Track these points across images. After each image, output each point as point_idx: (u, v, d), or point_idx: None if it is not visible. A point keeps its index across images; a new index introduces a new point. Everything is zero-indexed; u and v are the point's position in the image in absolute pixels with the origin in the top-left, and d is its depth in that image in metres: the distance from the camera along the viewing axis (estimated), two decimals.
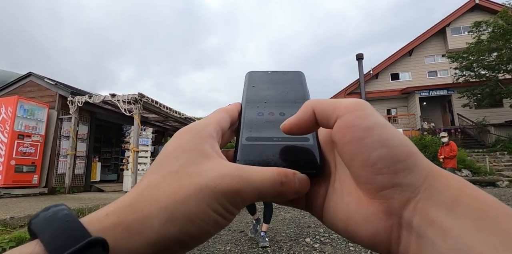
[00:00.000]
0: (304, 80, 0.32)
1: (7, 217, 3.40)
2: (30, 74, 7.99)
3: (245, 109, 0.28)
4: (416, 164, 0.18)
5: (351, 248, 3.07)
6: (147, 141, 8.03)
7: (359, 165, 0.19)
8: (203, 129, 0.22)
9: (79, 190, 7.67)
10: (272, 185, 0.19)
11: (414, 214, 0.17)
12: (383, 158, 0.18)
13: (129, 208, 0.17)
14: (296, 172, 0.21)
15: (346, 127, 0.20)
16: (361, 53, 16.98)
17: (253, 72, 0.34)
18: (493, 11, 15.91)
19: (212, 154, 0.21)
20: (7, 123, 6.50)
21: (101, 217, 0.17)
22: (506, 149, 12.45)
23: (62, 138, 7.45)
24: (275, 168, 0.20)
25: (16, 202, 5.16)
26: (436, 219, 0.16)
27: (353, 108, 0.20)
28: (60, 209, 0.17)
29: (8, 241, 2.72)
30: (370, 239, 0.19)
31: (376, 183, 0.18)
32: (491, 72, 13.57)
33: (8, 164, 6.29)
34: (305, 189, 0.21)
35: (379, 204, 0.18)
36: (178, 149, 0.21)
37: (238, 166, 0.20)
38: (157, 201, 0.17)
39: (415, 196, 0.17)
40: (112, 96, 6.84)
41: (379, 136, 0.18)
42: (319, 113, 0.21)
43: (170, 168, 0.19)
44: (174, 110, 8.35)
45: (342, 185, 0.21)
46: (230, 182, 0.18)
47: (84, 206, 4.42)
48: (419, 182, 0.17)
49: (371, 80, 19.12)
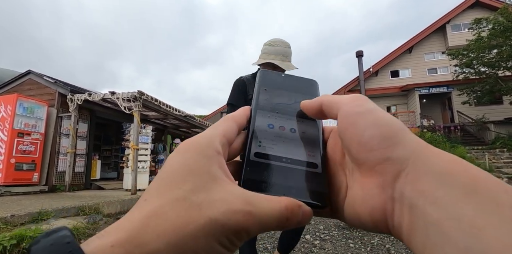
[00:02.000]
0: (318, 90, 0.31)
1: (8, 215, 3.40)
2: (29, 72, 7.96)
3: (255, 117, 0.27)
4: (404, 139, 0.20)
5: (350, 245, 3.08)
6: (147, 138, 8.03)
7: (356, 146, 0.21)
8: (209, 144, 0.22)
9: (79, 187, 7.68)
10: (278, 220, 0.19)
11: (405, 185, 0.18)
12: (373, 136, 0.20)
13: (135, 241, 0.16)
14: (302, 204, 0.21)
15: (344, 116, 0.23)
16: (361, 51, 16.93)
17: (267, 72, 0.32)
18: (493, 8, 15.85)
19: (221, 176, 0.20)
20: (7, 121, 6.49)
21: (107, 249, 0.16)
22: (505, 146, 12.46)
23: (62, 136, 7.45)
24: (282, 201, 0.20)
25: (16, 200, 5.17)
26: (426, 189, 0.17)
27: (351, 99, 0.23)
28: (62, 236, 0.16)
29: (9, 238, 2.73)
30: (369, 216, 0.20)
31: (370, 160, 0.20)
32: (491, 69, 13.54)
33: (8, 162, 6.29)
34: (307, 221, 0.21)
35: (374, 180, 0.20)
36: (184, 169, 0.20)
37: (247, 197, 0.19)
38: (165, 234, 0.17)
39: (404, 168, 0.18)
40: (111, 94, 6.83)
41: (370, 118, 0.21)
42: (325, 105, 0.25)
43: (176, 192, 0.19)
44: (174, 108, 8.34)
45: (353, 178, 0.23)
46: (240, 219, 0.18)
47: (84, 204, 4.43)
48: (406, 154, 0.19)
49: (371, 77, 19.09)
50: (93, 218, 4.13)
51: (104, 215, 4.45)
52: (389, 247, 2.94)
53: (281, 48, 1.77)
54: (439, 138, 12.33)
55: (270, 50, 1.78)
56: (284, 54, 1.77)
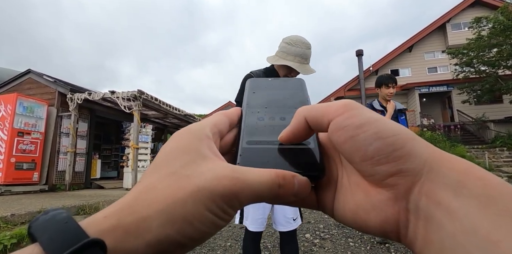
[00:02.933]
0: (304, 86, 0.32)
1: (8, 214, 3.41)
2: (29, 72, 7.96)
3: (245, 114, 0.28)
4: (414, 149, 0.18)
5: (350, 244, 3.09)
6: (146, 137, 8.04)
7: (359, 160, 0.20)
8: (200, 130, 0.23)
9: (80, 187, 7.69)
10: (269, 187, 0.19)
11: (420, 196, 0.17)
12: (379, 149, 0.19)
13: (127, 210, 0.17)
14: (296, 174, 0.21)
15: (338, 129, 0.20)
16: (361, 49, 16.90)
17: (254, 79, 0.34)
18: (493, 6, 15.83)
19: (210, 155, 0.21)
20: (7, 120, 6.49)
21: (100, 220, 0.17)
22: (505, 145, 12.47)
23: (62, 135, 7.45)
24: (273, 170, 0.20)
25: (16, 199, 5.17)
26: (442, 200, 0.16)
27: (342, 110, 0.21)
28: (59, 212, 0.17)
29: (10, 237, 2.73)
30: (380, 226, 0.19)
31: (379, 174, 0.19)
32: (491, 68, 13.54)
33: (8, 161, 6.30)
34: (305, 192, 0.21)
35: (385, 191, 0.19)
36: (176, 150, 0.21)
37: (236, 168, 0.20)
38: (155, 202, 0.17)
39: (418, 179, 0.18)
40: (111, 93, 6.83)
41: (370, 131, 0.19)
42: (310, 120, 0.22)
43: (167, 169, 0.19)
44: (174, 107, 8.35)
45: (349, 179, 0.22)
46: (227, 183, 0.18)
47: (84, 203, 4.43)
48: (419, 165, 0.18)
49: (371, 76, 19.07)
50: None
51: None
52: (388, 246, 2.95)
53: (301, 49, 1.64)
54: (439, 137, 12.32)
55: (289, 50, 1.65)
56: (303, 56, 1.65)
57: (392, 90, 2.91)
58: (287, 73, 1.68)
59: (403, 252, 2.79)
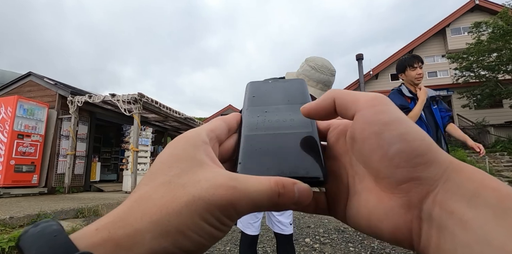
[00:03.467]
0: (305, 87, 0.31)
1: (7, 217, 3.39)
2: (30, 74, 7.99)
3: (244, 119, 0.27)
4: (436, 158, 0.18)
5: (350, 248, 3.07)
6: (146, 140, 8.03)
7: (378, 159, 0.19)
8: (196, 136, 0.22)
9: (79, 189, 7.66)
10: (269, 196, 0.18)
11: (434, 206, 0.17)
12: (402, 152, 0.18)
13: (120, 223, 0.17)
14: (297, 181, 0.20)
15: (364, 122, 0.20)
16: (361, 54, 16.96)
17: (254, 82, 0.33)
18: (493, 11, 15.92)
19: (207, 161, 0.20)
20: (7, 123, 6.49)
21: (91, 232, 0.16)
22: (506, 149, 12.45)
23: (62, 137, 7.45)
24: (272, 178, 0.19)
25: (15, 201, 5.15)
26: (456, 210, 0.16)
27: (372, 103, 0.20)
28: (49, 225, 0.16)
29: (8, 240, 2.72)
30: (392, 233, 0.19)
31: (395, 177, 0.18)
32: (491, 72, 13.57)
33: (8, 163, 6.28)
34: (306, 200, 0.20)
35: (398, 198, 0.18)
36: (171, 158, 0.20)
37: (233, 176, 0.19)
38: (148, 213, 0.17)
39: (434, 189, 0.17)
40: (112, 96, 6.84)
41: (397, 130, 0.19)
42: (339, 103, 0.22)
43: (163, 178, 0.19)
44: (174, 110, 8.35)
45: (361, 184, 0.21)
46: (223, 193, 0.17)
47: (84, 206, 4.42)
48: (437, 175, 0.17)
49: (371, 80, 19.13)
50: (92, 221, 4.11)
51: None
52: (389, 251, 2.92)
53: (325, 76, 1.54)
54: None
55: (313, 76, 1.54)
56: (326, 84, 1.55)
57: (420, 71, 2.38)
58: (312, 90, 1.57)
59: None
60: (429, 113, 2.42)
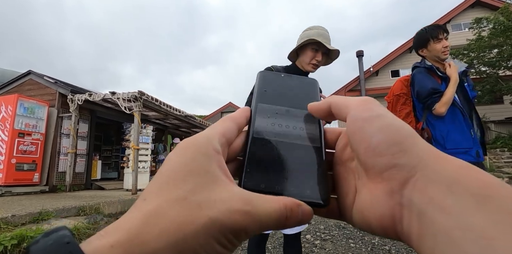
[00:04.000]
0: (317, 89, 0.30)
1: (9, 215, 3.41)
2: (30, 73, 7.97)
3: (253, 119, 0.27)
4: (413, 145, 0.19)
5: (351, 245, 3.08)
6: (147, 138, 8.03)
7: (363, 152, 0.21)
8: (208, 143, 0.22)
9: (80, 188, 7.68)
10: (277, 219, 0.19)
11: (413, 192, 0.18)
12: (381, 142, 0.20)
13: (136, 240, 0.16)
14: (302, 203, 0.21)
15: (351, 121, 0.23)
16: (361, 50, 16.91)
17: (266, 73, 0.32)
18: (494, 7, 15.83)
19: (220, 176, 0.20)
20: (7, 121, 6.49)
21: (106, 249, 0.16)
22: (506, 145, 12.45)
23: (63, 136, 7.45)
24: (281, 200, 0.20)
25: (17, 200, 5.17)
26: (435, 196, 0.16)
27: (359, 104, 0.23)
28: (62, 236, 0.16)
29: (10, 239, 2.73)
30: (379, 221, 0.19)
31: (377, 165, 0.20)
32: (491, 69, 13.52)
33: (9, 162, 6.30)
34: (307, 220, 0.21)
35: (382, 186, 0.20)
36: (184, 169, 0.20)
37: (247, 199, 0.19)
38: (166, 233, 0.17)
39: (413, 175, 0.18)
40: (112, 94, 6.84)
41: (377, 124, 0.21)
42: (334, 107, 0.25)
43: (177, 192, 0.19)
44: (174, 108, 8.35)
45: (361, 182, 0.22)
46: (238, 218, 0.18)
47: (85, 204, 4.43)
48: (414, 161, 0.18)
49: (371, 77, 19.08)
50: (94, 218, 4.14)
51: (104, 215, 4.46)
52: (390, 247, 2.94)
53: (320, 30, 1.67)
54: None
55: (309, 34, 1.65)
56: (324, 36, 1.65)
57: (447, 43, 1.95)
58: (313, 56, 1.65)
59: (404, 253, 2.78)
60: (462, 94, 1.97)
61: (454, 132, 1.85)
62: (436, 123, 1.92)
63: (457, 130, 1.86)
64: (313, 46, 1.65)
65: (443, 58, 1.93)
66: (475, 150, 1.81)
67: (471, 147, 1.82)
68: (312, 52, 1.66)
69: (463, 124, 1.85)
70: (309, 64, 1.68)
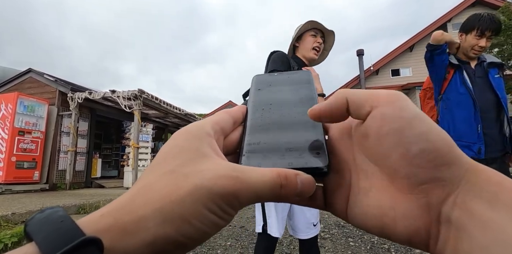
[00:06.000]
0: (311, 79, 0.31)
1: (9, 213, 3.42)
2: (30, 71, 7.96)
3: (249, 112, 0.27)
4: (457, 158, 0.17)
5: (351, 243, 3.09)
6: (147, 137, 8.05)
7: (398, 158, 0.18)
8: (200, 128, 0.22)
9: (80, 186, 7.70)
10: (271, 187, 0.19)
11: (454, 208, 0.17)
12: (424, 151, 0.17)
13: (124, 209, 0.17)
14: (299, 172, 0.20)
15: (384, 118, 0.19)
16: (362, 49, 16.89)
17: (260, 75, 0.33)
18: (494, 6, 15.81)
19: (210, 153, 0.20)
20: (8, 119, 6.50)
21: (96, 218, 0.17)
22: None
23: (63, 134, 7.46)
24: (274, 169, 0.19)
25: (17, 198, 5.18)
26: (476, 211, 0.16)
27: (391, 98, 0.20)
28: (55, 211, 0.17)
29: (10, 236, 2.74)
30: (408, 234, 0.18)
31: (415, 177, 0.18)
32: None
33: (9, 160, 6.31)
34: (309, 191, 0.20)
35: (417, 199, 0.18)
36: (175, 149, 0.20)
37: (236, 166, 0.19)
38: (152, 201, 0.17)
39: (454, 190, 0.17)
40: (112, 93, 6.84)
41: (419, 129, 0.18)
42: (352, 101, 0.21)
43: (166, 167, 0.19)
44: (174, 107, 8.35)
45: (370, 182, 0.21)
46: (226, 183, 0.18)
47: (85, 202, 4.44)
48: (459, 176, 0.17)
49: (372, 76, 19.08)
50: None
51: None
52: (389, 246, 2.95)
53: (314, 21, 1.75)
54: None
55: (304, 24, 1.74)
56: (318, 23, 1.75)
57: (484, 43, 1.81)
58: (314, 40, 1.72)
59: (403, 252, 2.79)
60: (486, 85, 1.84)
61: (461, 124, 1.84)
62: (445, 113, 1.91)
63: (465, 122, 1.83)
64: (311, 32, 1.74)
65: (471, 55, 1.87)
66: (478, 146, 1.78)
67: (474, 142, 1.79)
68: (311, 37, 1.73)
69: (471, 118, 1.81)
70: (312, 49, 1.72)
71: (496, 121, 1.81)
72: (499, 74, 1.87)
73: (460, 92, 1.84)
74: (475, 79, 1.84)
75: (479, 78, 1.85)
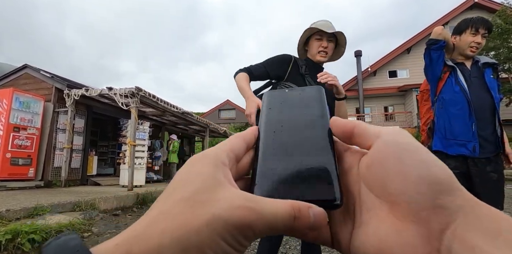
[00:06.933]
0: (323, 96, 0.31)
1: (3, 210, 3.39)
2: (26, 67, 7.90)
3: (261, 135, 0.27)
4: (457, 188, 0.18)
5: None
6: (144, 135, 8.01)
7: (398, 184, 0.19)
8: (216, 156, 0.22)
9: (76, 183, 7.66)
10: (284, 219, 0.19)
11: (454, 239, 0.16)
12: (424, 178, 0.18)
13: (139, 237, 0.17)
14: (312, 205, 0.20)
15: (385, 145, 0.20)
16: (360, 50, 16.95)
17: (270, 92, 0.33)
18: (491, 10, 15.94)
19: (224, 182, 0.20)
20: (3, 115, 6.44)
21: (111, 248, 0.17)
22: None
23: (58, 131, 7.41)
24: (288, 201, 0.19)
25: (12, 194, 5.15)
26: (477, 246, 0.16)
27: (393, 131, 0.21)
28: (71, 238, 0.17)
29: (4, 233, 2.72)
30: None
31: (415, 203, 0.18)
32: None
33: (4, 156, 6.26)
34: (321, 224, 0.20)
35: (417, 227, 0.18)
36: (190, 175, 0.21)
37: (250, 197, 0.19)
38: (169, 230, 0.17)
39: (454, 220, 0.17)
40: (109, 90, 6.80)
41: (419, 156, 0.19)
42: (358, 131, 0.23)
43: (181, 194, 0.19)
44: (172, 105, 8.32)
45: (369, 214, 0.21)
46: (241, 214, 0.18)
47: (80, 199, 4.42)
48: (459, 206, 0.17)
49: (369, 77, 19.16)
50: (89, 214, 4.13)
51: (100, 211, 4.45)
52: None
53: (320, 22, 1.77)
54: None
55: (311, 28, 1.77)
56: (324, 26, 1.75)
57: (480, 40, 1.87)
58: (319, 44, 1.75)
59: None
60: (481, 85, 1.88)
61: (456, 122, 1.88)
62: (441, 112, 1.95)
63: (460, 120, 1.87)
64: (316, 36, 1.76)
65: (468, 53, 1.90)
66: (473, 144, 1.83)
67: (469, 140, 1.84)
68: (316, 41, 1.76)
69: (466, 117, 1.86)
70: (318, 53, 1.76)
71: (490, 122, 1.86)
72: (493, 75, 1.92)
73: (455, 91, 1.89)
74: (470, 79, 1.89)
75: (474, 78, 1.90)
